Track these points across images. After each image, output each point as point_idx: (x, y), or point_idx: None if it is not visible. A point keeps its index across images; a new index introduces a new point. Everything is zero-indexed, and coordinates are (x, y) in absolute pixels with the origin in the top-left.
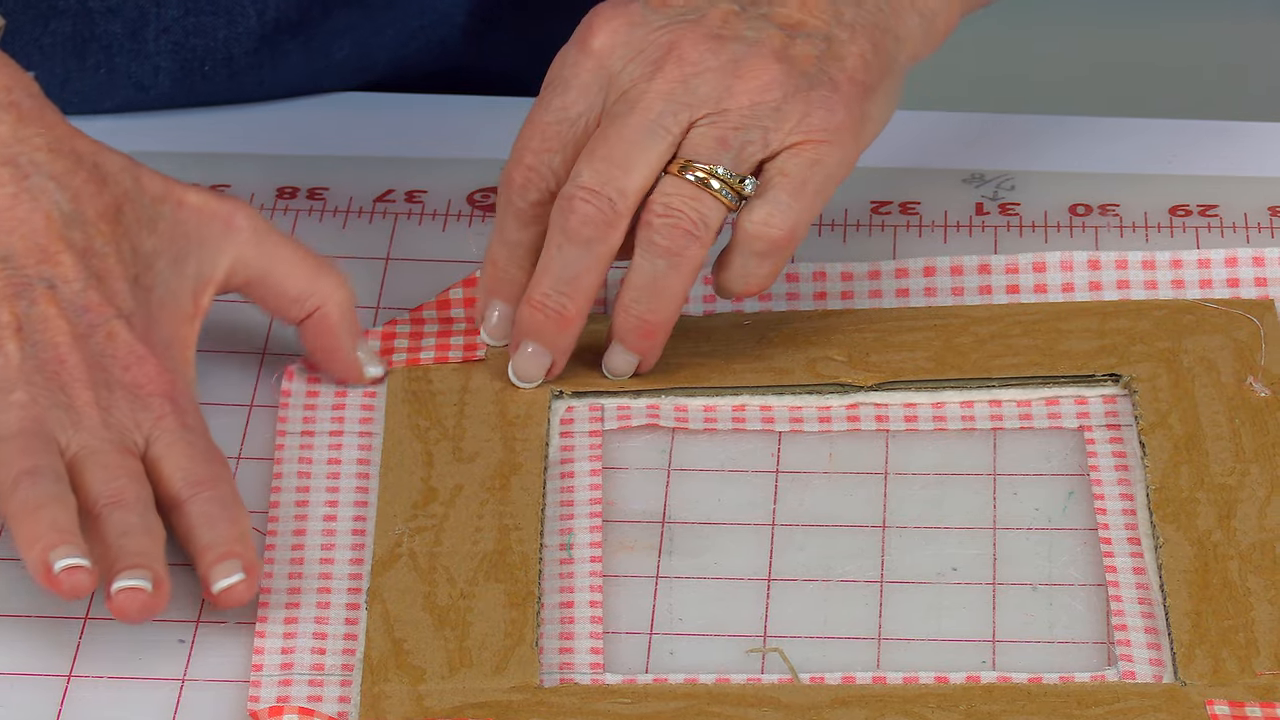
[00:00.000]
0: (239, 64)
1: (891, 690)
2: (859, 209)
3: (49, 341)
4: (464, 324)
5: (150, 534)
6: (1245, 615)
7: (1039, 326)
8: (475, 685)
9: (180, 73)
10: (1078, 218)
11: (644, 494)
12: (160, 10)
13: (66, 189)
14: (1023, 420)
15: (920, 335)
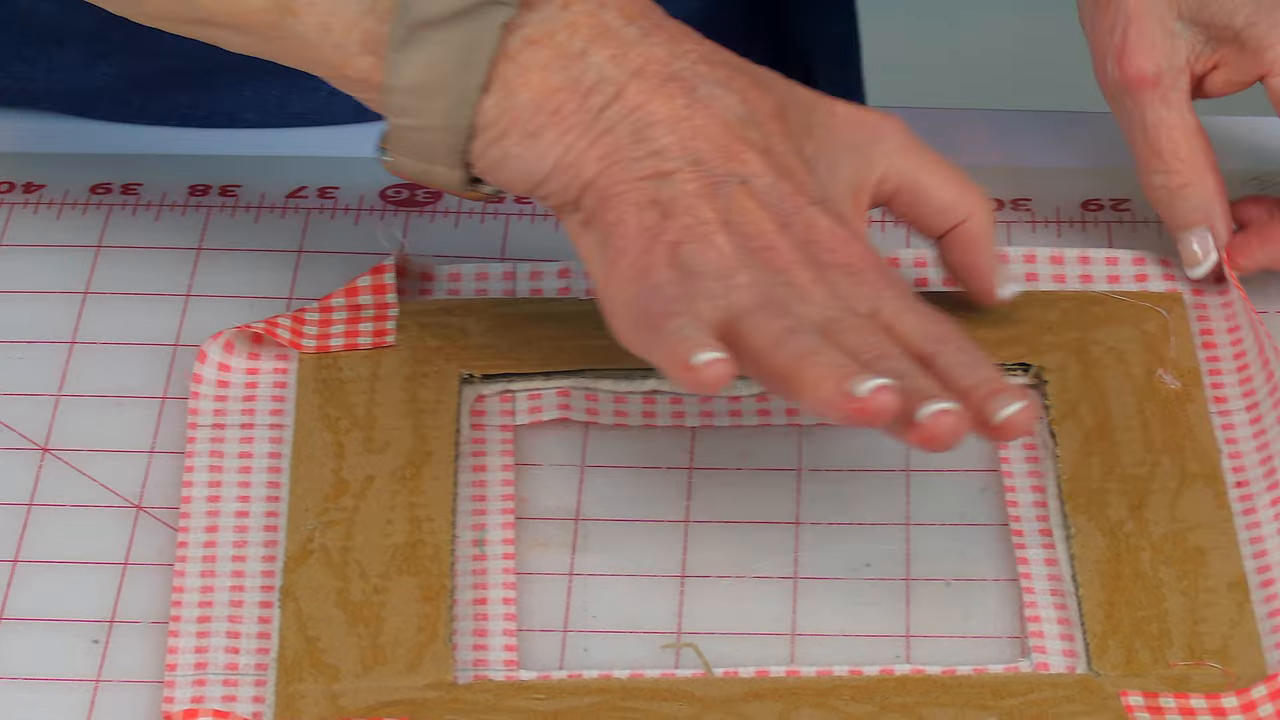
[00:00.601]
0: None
1: (805, 683)
2: None
3: (755, 231)
4: (372, 310)
5: (925, 377)
6: (1158, 606)
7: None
8: (389, 683)
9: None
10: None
11: (557, 490)
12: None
13: (735, 94)
14: None
15: None
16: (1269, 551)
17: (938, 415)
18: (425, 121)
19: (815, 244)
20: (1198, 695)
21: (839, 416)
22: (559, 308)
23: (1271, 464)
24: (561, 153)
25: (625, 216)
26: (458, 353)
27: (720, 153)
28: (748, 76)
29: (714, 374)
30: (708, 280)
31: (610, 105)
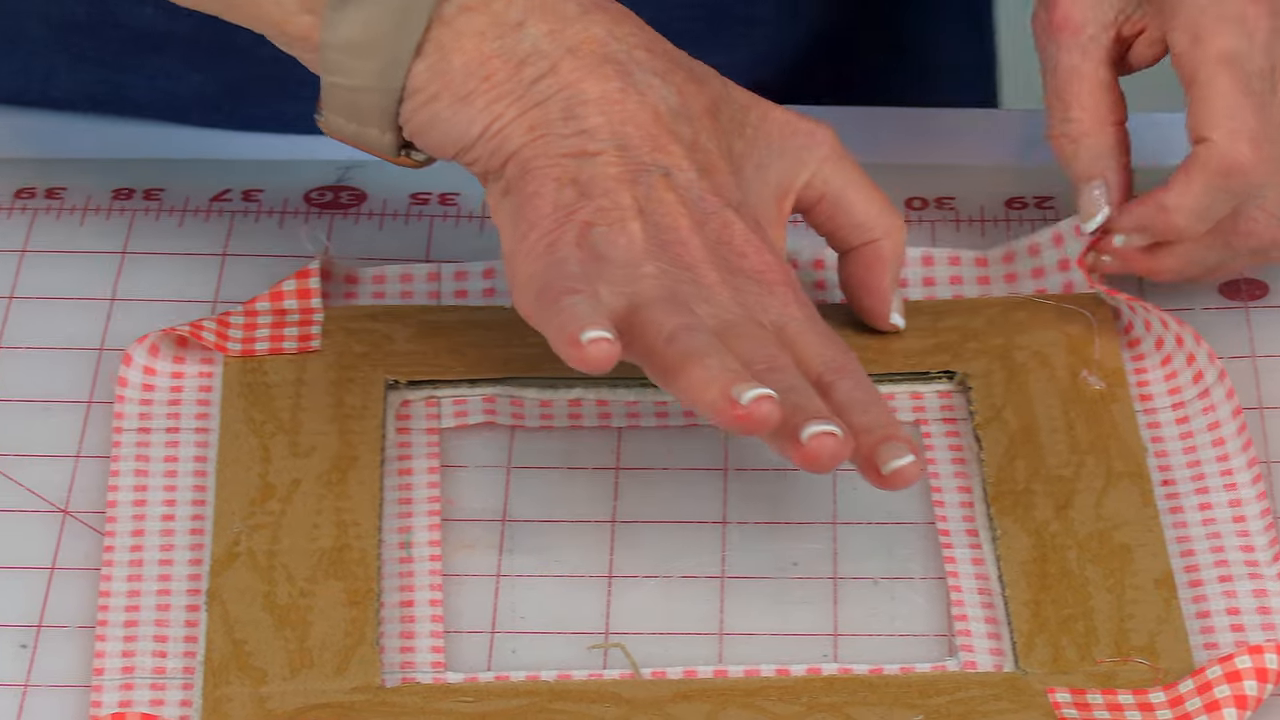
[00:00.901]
0: None
1: (733, 683)
2: None
3: (670, 224)
4: (297, 315)
5: (815, 396)
6: (1084, 604)
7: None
8: (317, 686)
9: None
10: (914, 211)
11: (483, 492)
12: None
13: (670, 84)
14: None
15: None
16: (1195, 549)
17: (821, 437)
18: (358, 81)
19: (728, 246)
20: (1125, 691)
21: (721, 421)
22: (485, 316)
23: (1197, 460)
24: (490, 120)
25: (543, 190)
26: (383, 359)
27: (648, 141)
28: (685, 70)
29: (599, 352)
30: (614, 266)
31: (543, 79)
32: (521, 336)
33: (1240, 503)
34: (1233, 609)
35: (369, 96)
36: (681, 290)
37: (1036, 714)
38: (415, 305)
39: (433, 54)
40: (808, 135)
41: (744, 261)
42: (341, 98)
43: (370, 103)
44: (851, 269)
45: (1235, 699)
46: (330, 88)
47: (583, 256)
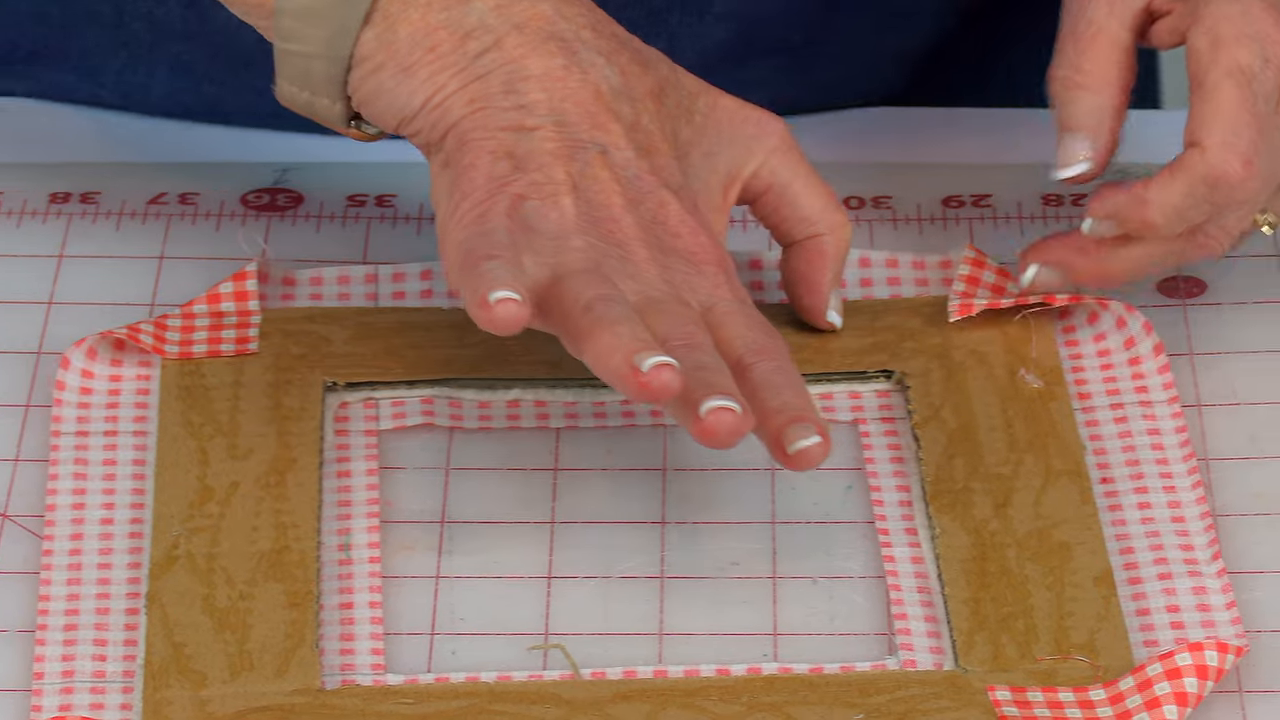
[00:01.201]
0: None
1: (673, 683)
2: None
3: (602, 202)
4: (235, 317)
5: (726, 374)
6: (1024, 602)
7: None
8: (257, 689)
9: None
10: (852, 211)
11: (422, 493)
12: None
13: (614, 64)
14: None
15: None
16: (1135, 547)
17: (719, 411)
18: (308, 48)
19: (662, 226)
20: (1065, 689)
21: (623, 388)
22: (422, 317)
23: (1136, 459)
24: (432, 92)
25: (478, 162)
26: (321, 361)
27: (587, 119)
28: (631, 52)
29: (505, 312)
30: (542, 238)
31: (487, 52)
32: (459, 338)
33: (1180, 503)
34: (1172, 606)
35: (319, 64)
36: (608, 265)
37: (977, 712)
38: (353, 307)
39: (380, 23)
40: (757, 125)
41: (677, 242)
42: (294, 65)
43: (320, 70)
44: (793, 263)
45: (1176, 696)
46: (283, 55)
47: (512, 227)
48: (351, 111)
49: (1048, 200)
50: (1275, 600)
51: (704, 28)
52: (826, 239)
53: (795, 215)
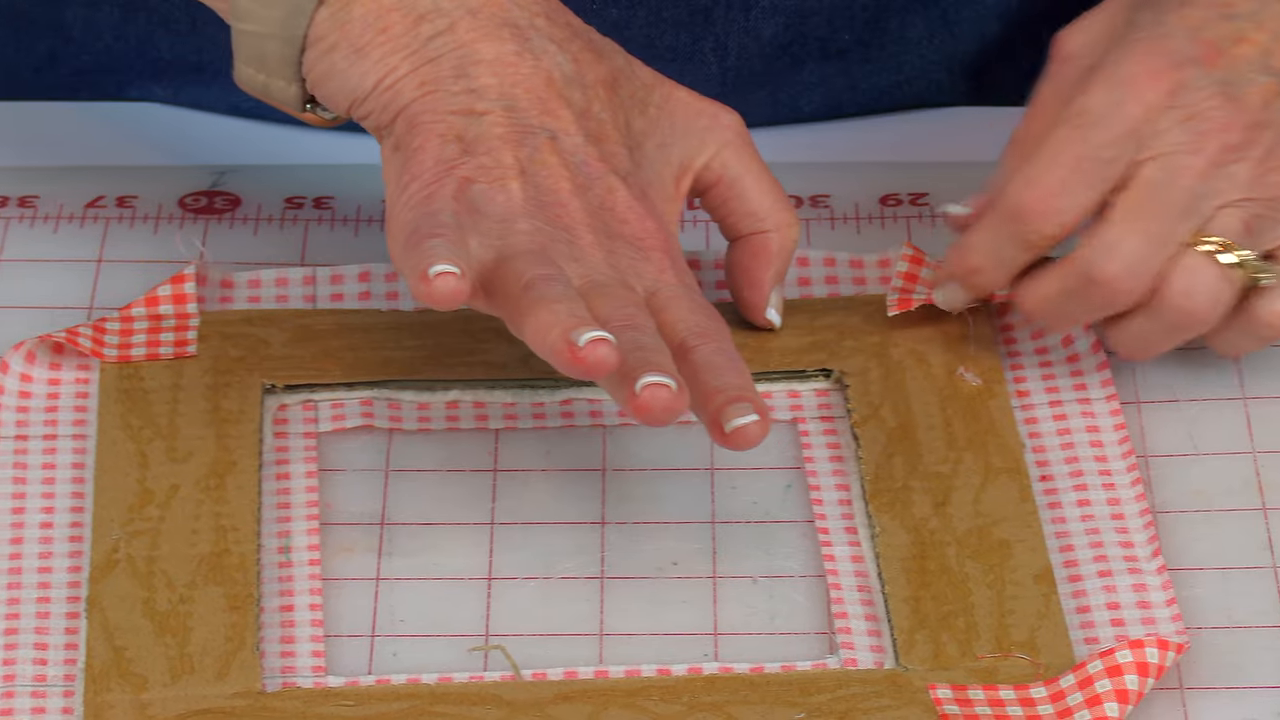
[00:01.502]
0: None
1: (614, 684)
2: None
3: (550, 186)
4: (173, 320)
5: (665, 354)
6: (964, 600)
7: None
8: (198, 692)
9: None
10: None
11: (362, 495)
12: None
13: (566, 52)
14: None
15: None
16: (1075, 545)
17: (655, 387)
18: (263, 28)
19: (610, 212)
20: (1006, 686)
21: (560, 364)
22: (360, 319)
23: (1075, 457)
24: (384, 74)
25: (427, 145)
26: (260, 363)
27: (537, 105)
28: (584, 41)
29: (444, 286)
30: (489, 220)
31: (440, 35)
32: (397, 340)
33: (1119, 500)
34: (1113, 604)
35: (274, 45)
36: (553, 248)
37: (918, 710)
38: (291, 309)
39: (334, 3)
40: (712, 118)
41: (624, 227)
42: (250, 46)
43: (275, 51)
44: (737, 258)
45: (1116, 693)
46: (240, 35)
47: (458, 209)
48: (307, 94)
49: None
50: (1216, 597)
51: (750, 23)
52: (772, 235)
53: (743, 209)
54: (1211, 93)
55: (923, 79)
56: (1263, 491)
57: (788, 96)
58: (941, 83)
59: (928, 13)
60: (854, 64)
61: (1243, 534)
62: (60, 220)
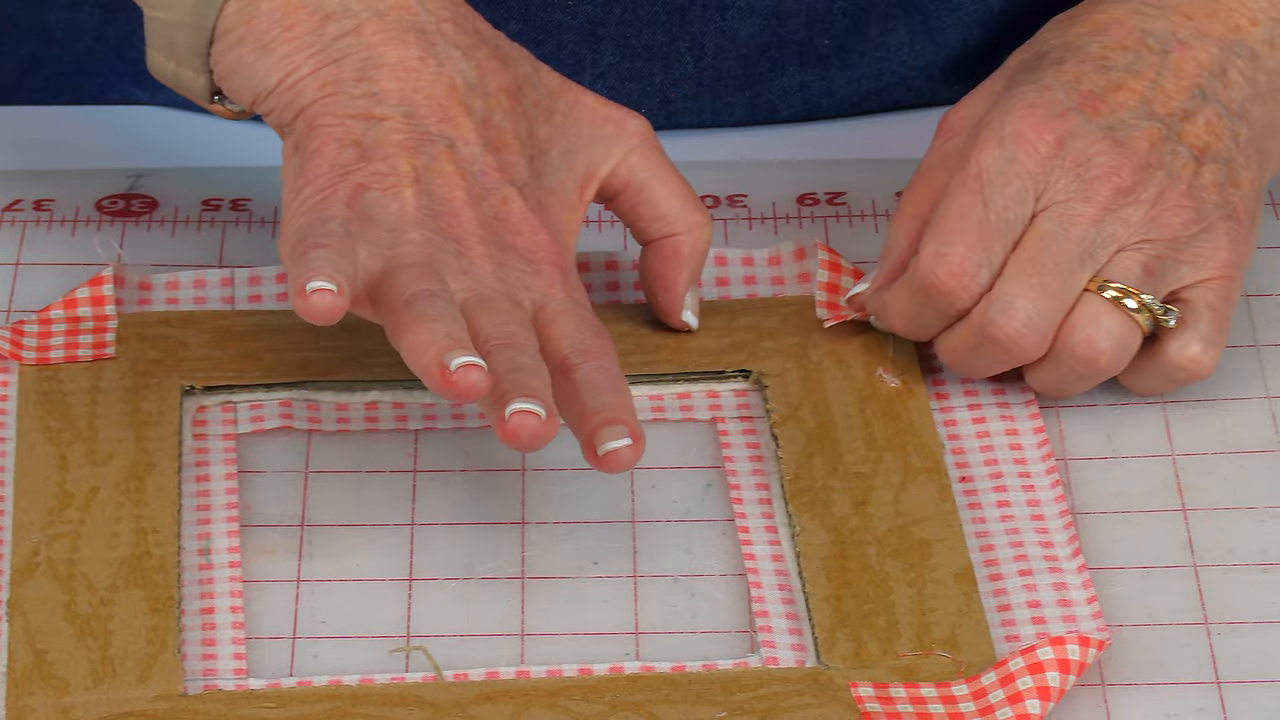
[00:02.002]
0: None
1: (536, 684)
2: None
3: (444, 196)
4: (91, 322)
5: (540, 376)
6: (885, 599)
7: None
8: (120, 695)
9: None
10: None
11: (282, 497)
12: (596, 57)
13: (471, 59)
14: (655, 413)
15: None
16: (995, 544)
17: (522, 415)
18: (173, 16)
19: (503, 223)
20: (928, 684)
21: (432, 385)
22: (279, 320)
23: (994, 458)
24: (287, 72)
25: (324, 148)
26: (178, 365)
27: (437, 112)
28: (491, 48)
29: (320, 302)
30: (379, 229)
31: (345, 36)
32: (315, 340)
33: (1039, 501)
34: (1034, 602)
35: (183, 33)
36: (442, 260)
37: (840, 708)
38: (209, 311)
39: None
40: (618, 124)
41: (516, 239)
42: (161, 33)
43: (184, 40)
44: (649, 262)
45: (1038, 690)
46: (151, 22)
47: (350, 216)
48: (214, 86)
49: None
50: (1136, 595)
51: (727, 23)
52: (683, 238)
53: (652, 214)
54: (1098, 139)
55: (903, 85)
56: (1182, 493)
57: (766, 100)
58: (921, 89)
59: (909, 19)
60: (834, 70)
61: (1163, 534)
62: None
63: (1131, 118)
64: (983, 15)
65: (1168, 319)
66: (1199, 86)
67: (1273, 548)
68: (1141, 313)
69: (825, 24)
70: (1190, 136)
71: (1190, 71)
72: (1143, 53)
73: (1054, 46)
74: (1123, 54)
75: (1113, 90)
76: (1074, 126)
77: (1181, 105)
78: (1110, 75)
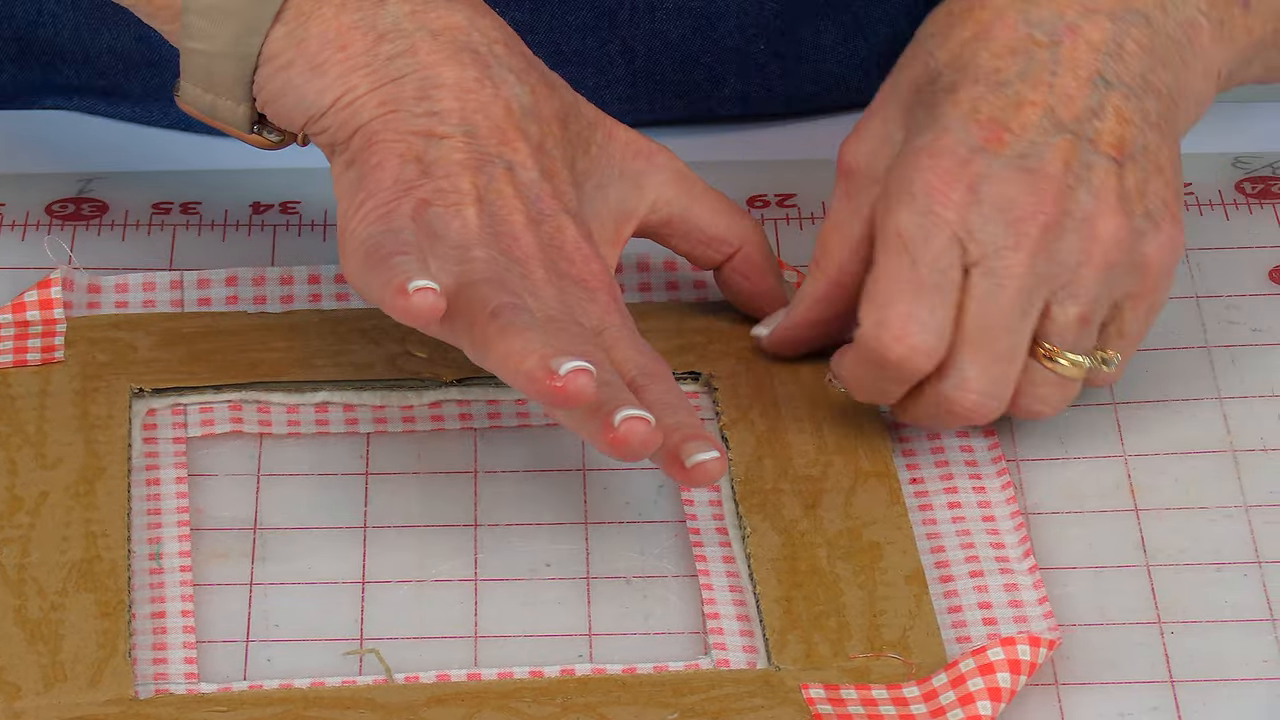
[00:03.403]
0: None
1: (487, 686)
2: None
3: (505, 217)
4: (40, 326)
5: (626, 390)
6: (836, 600)
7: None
8: (71, 700)
9: None
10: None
11: (234, 500)
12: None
13: (525, 84)
14: None
15: None
16: (946, 546)
17: (633, 421)
18: (214, 46)
19: (558, 250)
20: (879, 686)
21: (536, 391)
22: (228, 322)
23: (945, 460)
24: (343, 91)
25: (386, 163)
26: (127, 367)
27: (496, 134)
28: (539, 73)
29: (423, 301)
30: (446, 245)
31: (401, 56)
32: (265, 341)
33: (990, 503)
34: (985, 603)
35: (225, 63)
36: (510, 280)
37: (791, 710)
38: (158, 313)
39: (291, 20)
40: (647, 159)
41: (571, 267)
42: (199, 65)
43: (226, 70)
44: (734, 284)
45: (989, 691)
46: (188, 54)
47: (417, 229)
48: (255, 114)
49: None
50: (1089, 595)
51: (656, 25)
52: (745, 251)
53: (704, 238)
54: (1010, 176)
55: (841, 85)
56: (1134, 494)
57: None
58: (861, 86)
59: (839, 17)
60: (773, 78)
61: (1115, 535)
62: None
63: (1040, 136)
64: (908, 6)
65: (1107, 367)
66: (1098, 74)
67: (1225, 547)
68: (1081, 364)
69: (757, 26)
70: (1104, 138)
71: (1085, 60)
72: (1033, 53)
73: (943, 66)
74: (1013, 60)
75: (1013, 110)
76: (982, 169)
77: (1086, 103)
78: (1006, 93)
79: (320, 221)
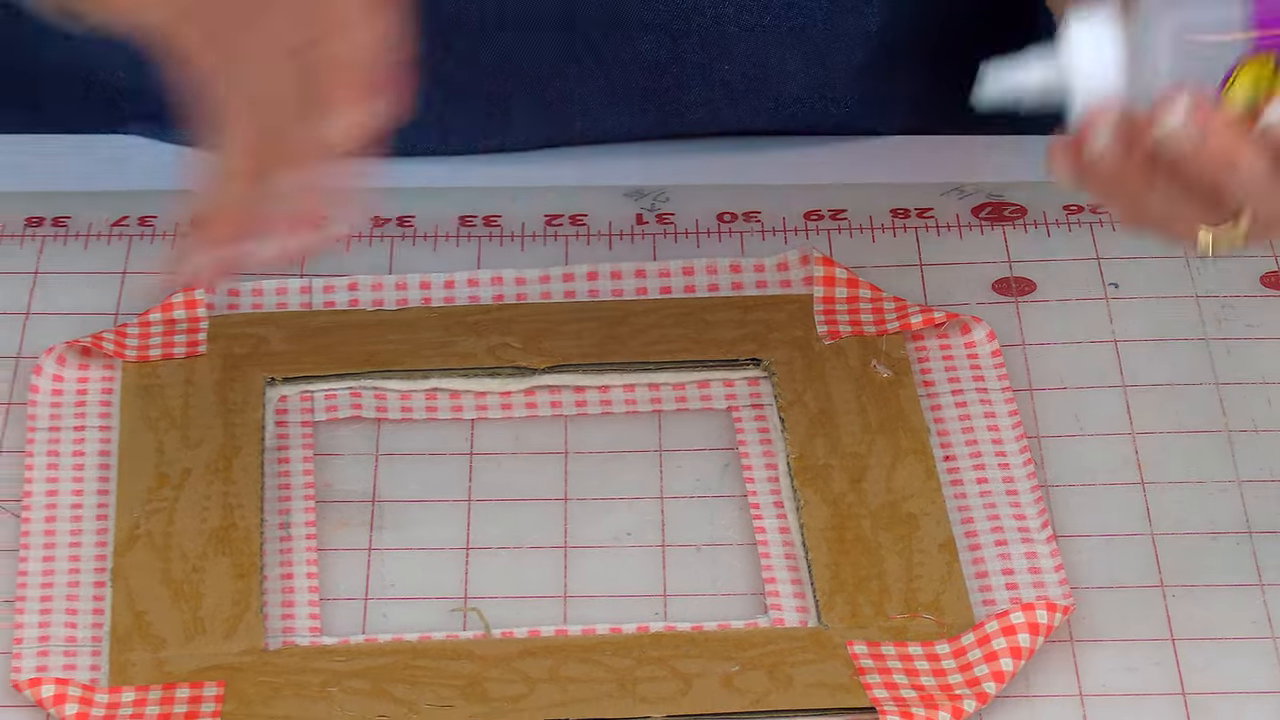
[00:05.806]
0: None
1: (573, 640)
2: (534, 222)
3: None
4: (185, 323)
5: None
6: (878, 566)
7: (689, 318)
8: (209, 650)
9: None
10: (724, 224)
11: (356, 477)
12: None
13: None
14: (679, 402)
15: (585, 325)
16: (974, 518)
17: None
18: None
19: None
20: (915, 644)
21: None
22: (349, 319)
23: (974, 439)
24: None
25: None
26: (261, 359)
27: None
28: None
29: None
30: None
31: None
32: (381, 335)
33: (1013, 478)
34: (1008, 570)
35: None
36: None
37: (838, 664)
38: (289, 312)
39: None
40: None
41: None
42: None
43: None
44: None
45: (1011, 650)
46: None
47: None
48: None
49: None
50: (1100, 561)
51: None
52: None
53: None
54: None
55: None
56: (1141, 468)
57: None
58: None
59: (802, 48)
60: (740, 98)
61: (1123, 506)
62: (90, 238)
63: None
64: (862, 35)
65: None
66: None
67: (1220, 518)
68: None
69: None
70: None
71: None
72: None
73: None
74: None
75: None
76: None
77: None
78: None
79: (431, 234)
